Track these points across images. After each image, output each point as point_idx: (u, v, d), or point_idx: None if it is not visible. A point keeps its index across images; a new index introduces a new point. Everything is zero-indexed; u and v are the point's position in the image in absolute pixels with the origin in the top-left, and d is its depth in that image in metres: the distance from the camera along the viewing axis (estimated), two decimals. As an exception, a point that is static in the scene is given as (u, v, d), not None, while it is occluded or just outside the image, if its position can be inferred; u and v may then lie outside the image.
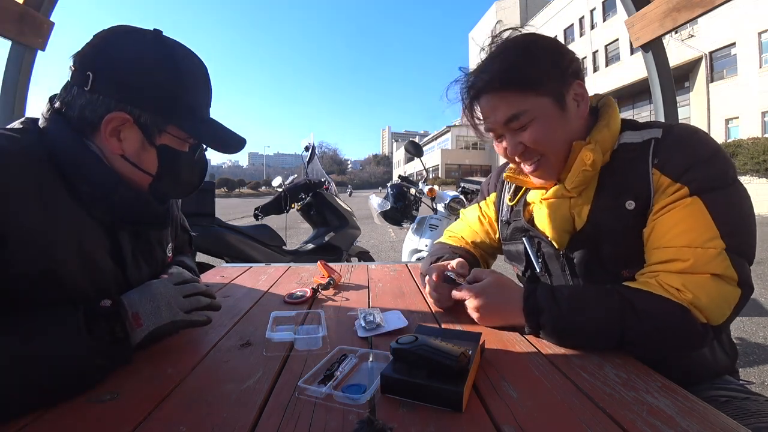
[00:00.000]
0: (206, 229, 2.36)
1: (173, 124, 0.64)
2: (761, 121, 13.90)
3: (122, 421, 0.43)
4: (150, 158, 0.65)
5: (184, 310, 0.64)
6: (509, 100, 0.71)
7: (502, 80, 0.70)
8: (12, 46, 1.34)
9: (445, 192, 2.81)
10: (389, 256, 5.44)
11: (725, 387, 0.70)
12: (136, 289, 0.63)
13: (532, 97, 0.70)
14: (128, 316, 0.58)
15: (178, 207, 0.93)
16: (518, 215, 0.87)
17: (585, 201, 0.74)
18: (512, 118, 0.71)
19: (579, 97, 0.73)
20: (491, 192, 1.00)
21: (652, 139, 0.69)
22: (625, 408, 0.45)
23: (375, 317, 0.72)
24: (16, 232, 0.51)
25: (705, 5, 1.28)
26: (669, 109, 1.55)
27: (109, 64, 0.61)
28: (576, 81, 0.73)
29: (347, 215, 2.98)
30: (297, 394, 0.48)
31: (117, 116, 0.60)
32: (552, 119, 0.71)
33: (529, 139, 0.72)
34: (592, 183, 0.74)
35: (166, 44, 0.65)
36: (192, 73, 0.67)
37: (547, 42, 0.74)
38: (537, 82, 0.70)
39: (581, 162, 0.71)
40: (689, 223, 0.62)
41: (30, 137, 0.59)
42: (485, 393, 0.49)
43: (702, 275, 0.60)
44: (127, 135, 0.62)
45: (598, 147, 0.71)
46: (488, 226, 0.99)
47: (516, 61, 0.70)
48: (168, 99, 0.63)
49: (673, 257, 0.62)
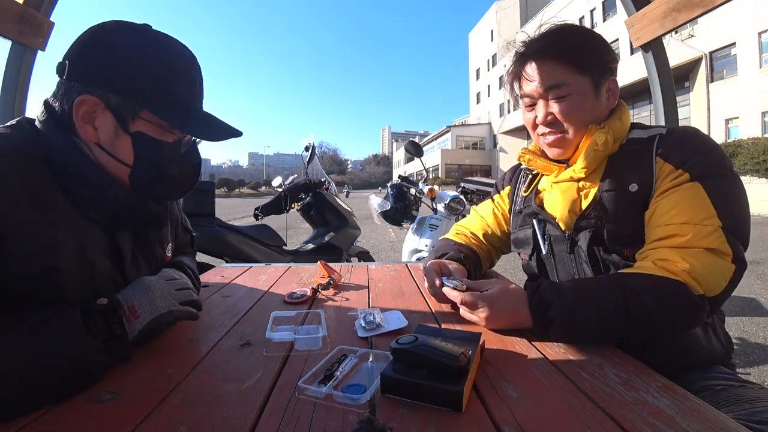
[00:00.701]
0: (206, 229, 2.36)
1: (147, 110, 0.61)
2: (761, 121, 13.89)
3: (122, 421, 0.43)
4: (124, 146, 0.62)
5: (179, 302, 0.65)
6: (557, 70, 0.78)
7: (558, 50, 0.78)
8: (12, 46, 1.34)
9: (445, 192, 2.81)
10: (389, 256, 5.44)
11: (720, 377, 0.71)
12: (131, 285, 0.64)
13: (577, 74, 0.78)
14: (125, 310, 0.58)
15: (179, 207, 0.93)
16: (530, 202, 0.93)
17: (592, 184, 0.80)
18: (554, 86, 0.78)
19: (610, 92, 0.82)
20: (506, 186, 1.06)
21: (657, 134, 0.77)
22: (625, 408, 0.45)
23: (375, 317, 0.72)
24: (14, 231, 0.51)
25: (705, 5, 1.28)
26: (669, 109, 1.55)
27: (83, 51, 0.60)
28: (612, 77, 0.82)
29: (347, 215, 2.99)
30: (297, 394, 0.48)
31: (85, 99, 0.59)
32: (586, 100, 0.79)
33: (561, 111, 0.79)
34: (600, 169, 0.80)
35: (150, 34, 0.63)
36: (172, 60, 0.64)
37: (600, 37, 0.83)
38: (584, 63, 0.78)
39: (593, 142, 0.77)
40: (688, 203, 0.68)
41: (26, 137, 0.59)
42: (485, 393, 0.49)
43: (698, 249, 0.65)
44: (101, 122, 0.61)
45: (611, 132, 0.78)
46: (501, 217, 1.05)
47: (573, 39, 0.80)
48: (142, 83, 0.61)
49: (672, 233, 0.67)
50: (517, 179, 1.02)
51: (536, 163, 0.89)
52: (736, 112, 14.65)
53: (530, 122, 0.85)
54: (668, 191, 0.70)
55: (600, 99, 0.80)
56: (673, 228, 0.67)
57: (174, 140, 0.66)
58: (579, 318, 0.63)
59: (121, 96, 0.60)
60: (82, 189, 0.60)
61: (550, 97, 0.79)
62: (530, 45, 0.82)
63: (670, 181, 0.71)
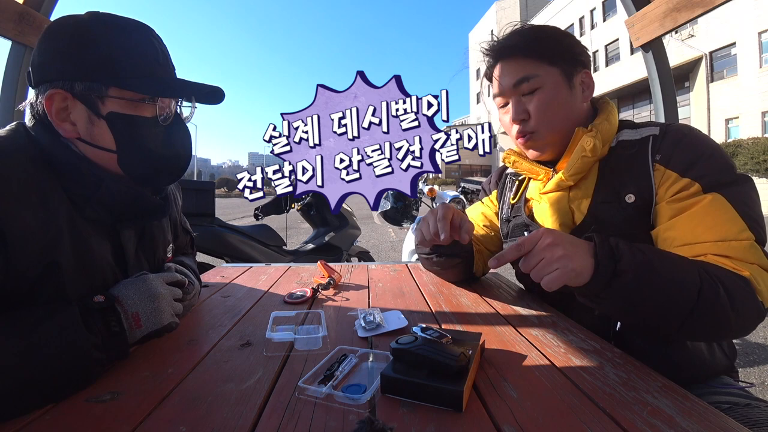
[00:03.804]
0: (206, 229, 2.36)
1: (112, 85, 0.60)
2: (761, 121, 13.89)
3: (122, 421, 0.43)
4: (103, 132, 0.61)
5: (176, 312, 0.66)
6: (523, 64, 0.77)
7: (523, 45, 0.78)
8: (12, 46, 1.34)
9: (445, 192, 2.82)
10: (389, 256, 5.44)
11: (725, 391, 0.70)
12: (131, 283, 0.62)
13: (545, 65, 0.76)
14: (128, 315, 0.58)
15: (179, 209, 0.93)
16: (519, 211, 0.89)
17: (584, 195, 0.76)
18: (523, 79, 0.77)
19: (585, 85, 0.80)
20: (492, 190, 1.03)
21: (650, 136, 0.72)
22: (625, 408, 0.45)
23: (375, 317, 0.72)
24: (15, 230, 0.51)
25: (705, 5, 1.28)
26: (669, 109, 1.56)
27: (38, 52, 0.61)
28: (584, 70, 0.79)
29: (347, 215, 2.99)
30: (297, 394, 0.48)
31: (52, 94, 0.59)
32: (558, 92, 0.76)
33: (534, 106, 0.76)
34: (592, 177, 0.76)
35: (95, 15, 0.62)
36: (123, 33, 0.62)
37: (564, 31, 0.82)
38: (551, 54, 0.77)
39: (581, 148, 0.74)
40: (717, 218, 0.63)
41: (23, 139, 0.59)
42: (485, 393, 0.49)
43: (747, 263, 0.60)
44: (76, 115, 0.60)
45: (599, 135, 0.74)
46: (489, 221, 1.02)
47: (535, 33, 0.79)
48: (98, 62, 0.59)
49: (707, 251, 0.62)
50: (504, 184, 0.98)
51: (522, 165, 0.86)
52: (736, 112, 14.66)
53: (507, 125, 0.83)
54: (682, 204, 0.65)
55: (574, 92, 0.77)
56: (709, 246, 0.62)
57: (153, 115, 0.64)
58: (653, 279, 0.55)
59: (82, 80, 0.59)
60: (78, 188, 0.60)
61: (521, 93, 0.78)
62: (494, 47, 0.81)
63: (677, 191, 0.66)
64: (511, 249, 0.59)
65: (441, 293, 0.95)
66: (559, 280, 0.55)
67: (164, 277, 0.68)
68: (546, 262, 0.56)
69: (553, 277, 0.55)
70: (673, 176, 0.67)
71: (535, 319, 0.78)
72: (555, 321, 0.76)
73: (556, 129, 0.77)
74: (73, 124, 0.61)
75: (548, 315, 0.79)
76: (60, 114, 0.60)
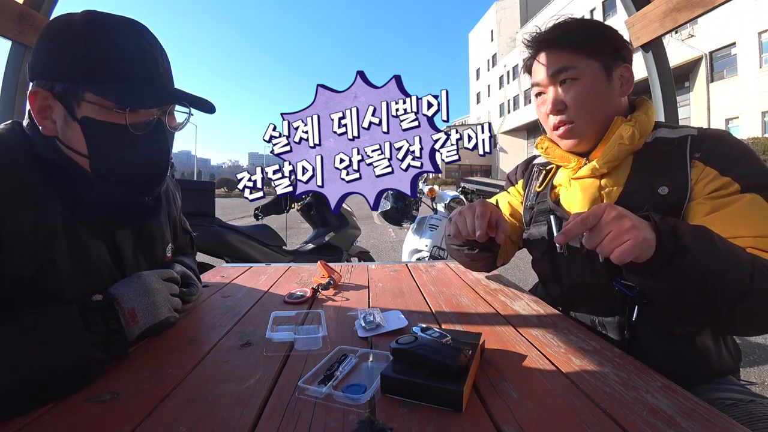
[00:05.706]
0: (206, 229, 2.36)
1: (89, 91, 0.58)
2: (761, 121, 13.90)
3: (122, 421, 0.43)
4: (76, 135, 0.59)
5: (174, 308, 0.66)
6: (564, 55, 0.78)
7: (564, 37, 0.79)
8: (12, 46, 1.34)
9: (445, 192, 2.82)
10: (389, 256, 5.44)
11: (728, 388, 0.70)
12: (127, 282, 0.62)
13: (584, 58, 0.77)
14: (125, 312, 0.58)
15: (178, 209, 0.93)
16: (544, 197, 0.89)
17: (616, 183, 0.77)
18: (561, 69, 0.78)
19: (624, 79, 0.80)
20: (519, 179, 1.03)
21: (688, 135, 0.73)
22: (625, 408, 0.45)
23: (375, 317, 0.72)
24: (9, 230, 0.51)
25: (705, 5, 1.28)
26: (669, 109, 1.56)
27: (33, 52, 0.61)
28: (625, 64, 0.79)
29: (347, 215, 2.99)
30: (297, 394, 0.48)
31: (34, 92, 0.59)
32: (596, 84, 0.77)
33: (571, 97, 0.77)
34: (625, 167, 0.76)
35: (89, 15, 0.61)
36: (111, 36, 0.60)
37: (606, 25, 0.82)
38: (591, 46, 0.77)
39: (619, 135, 0.75)
40: (757, 216, 0.64)
41: (18, 139, 0.59)
42: (485, 393, 0.49)
43: None
44: (56, 114, 0.59)
45: (638, 126, 0.75)
46: (514, 210, 1.01)
47: (578, 26, 0.80)
48: (78, 64, 0.58)
49: (748, 245, 0.62)
50: (530, 174, 0.98)
51: (554, 151, 0.86)
52: (736, 112, 14.66)
53: (543, 116, 0.84)
54: (720, 201, 0.66)
55: (612, 86, 0.78)
56: (749, 241, 0.62)
57: (133, 123, 0.61)
58: (714, 257, 0.55)
59: (62, 81, 0.58)
60: (68, 189, 0.60)
61: (558, 83, 0.79)
62: (536, 38, 0.83)
63: (715, 188, 0.67)
64: (576, 224, 0.58)
65: (441, 293, 0.95)
66: (633, 250, 0.54)
67: (159, 273, 0.68)
68: (615, 233, 0.55)
69: (625, 248, 0.54)
70: (713, 173, 0.68)
71: (535, 319, 0.78)
72: (555, 321, 0.76)
73: (592, 120, 0.78)
74: (54, 122, 0.60)
75: (548, 315, 0.79)
76: (42, 111, 0.60)
